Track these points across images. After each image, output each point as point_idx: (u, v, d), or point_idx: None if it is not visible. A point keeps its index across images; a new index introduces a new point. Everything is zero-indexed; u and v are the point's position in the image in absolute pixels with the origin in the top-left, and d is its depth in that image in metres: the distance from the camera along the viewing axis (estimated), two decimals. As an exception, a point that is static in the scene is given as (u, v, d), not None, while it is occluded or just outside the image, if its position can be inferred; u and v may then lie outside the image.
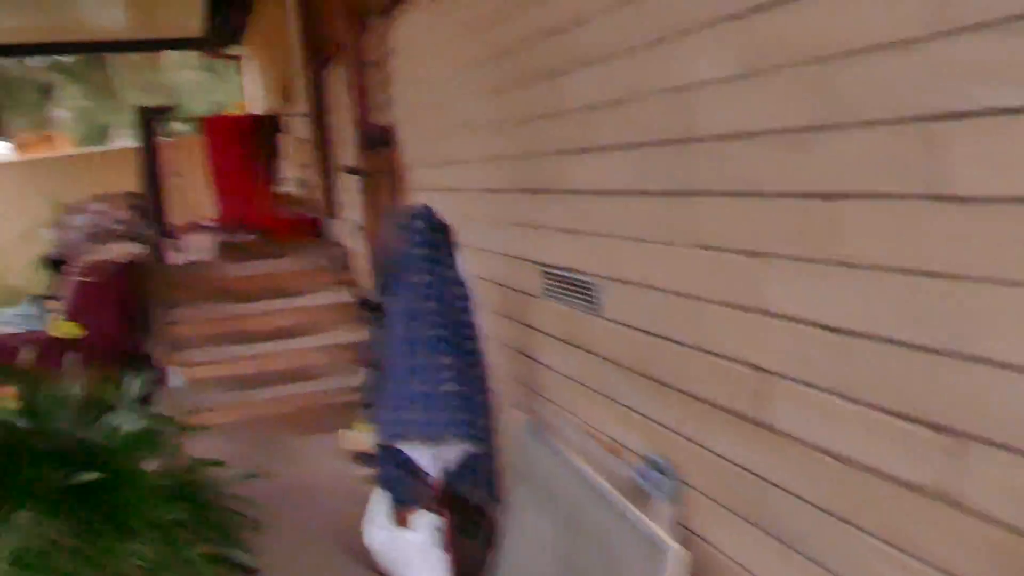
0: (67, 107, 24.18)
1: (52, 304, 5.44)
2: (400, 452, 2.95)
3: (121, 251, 5.57)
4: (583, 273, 2.55)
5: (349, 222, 6.34)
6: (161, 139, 7.61)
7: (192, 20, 10.43)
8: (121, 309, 5.34)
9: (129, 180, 7.08)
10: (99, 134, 22.06)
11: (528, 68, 2.80)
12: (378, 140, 4.66)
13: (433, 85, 3.93)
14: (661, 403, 2.18)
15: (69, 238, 6.39)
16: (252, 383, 5.52)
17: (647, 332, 2.21)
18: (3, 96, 21.11)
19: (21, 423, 3.09)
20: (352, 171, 4.66)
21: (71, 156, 12.74)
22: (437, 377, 2.89)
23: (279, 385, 5.52)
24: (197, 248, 6.25)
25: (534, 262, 2.95)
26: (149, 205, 5.41)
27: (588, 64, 2.37)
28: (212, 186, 7.72)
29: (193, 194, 7.80)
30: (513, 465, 3.09)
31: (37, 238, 6.93)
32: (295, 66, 8.56)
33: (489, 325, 3.18)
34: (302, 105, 8.10)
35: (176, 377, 5.39)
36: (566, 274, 2.68)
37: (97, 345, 5.22)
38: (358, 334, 5.88)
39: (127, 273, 5.39)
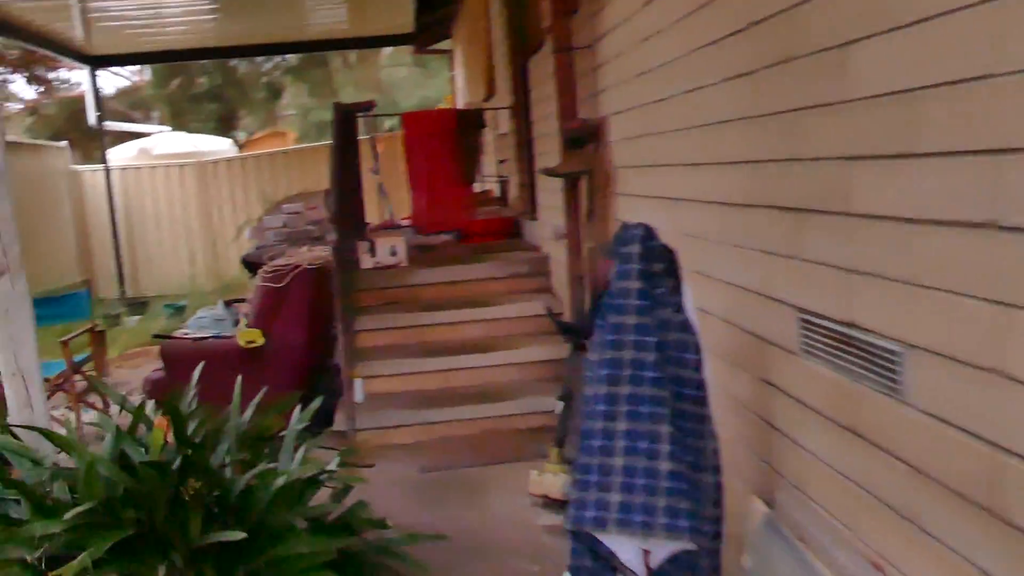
0: (292, 105, 25.75)
1: (244, 308, 5.27)
2: (598, 542, 2.28)
3: (311, 254, 5.32)
4: (875, 333, 1.76)
5: (549, 226, 5.75)
6: (365, 137, 7.45)
7: (404, 16, 10.39)
8: (307, 317, 5.07)
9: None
10: (320, 131, 23.16)
11: (795, 39, 2.03)
12: (584, 137, 4.01)
13: (652, 72, 3.22)
14: (1014, 563, 1.36)
15: (265, 239, 6.30)
16: (435, 401, 5.08)
17: (996, 445, 1.40)
18: (236, 95, 22.68)
19: (171, 461, 2.74)
20: (553, 172, 4.06)
21: (287, 152, 13.18)
22: (650, 450, 2.20)
23: (464, 405, 5.04)
24: (389, 250, 5.92)
25: (789, 304, 2.18)
26: (341, 205, 5.09)
27: (897, 27, 1.58)
28: (410, 184, 7.44)
29: (390, 193, 7.55)
30: (744, 571, 2.34)
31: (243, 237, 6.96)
32: (499, 58, 8.14)
33: (716, 375, 2.43)
34: (505, 99, 7.65)
35: (358, 391, 5.05)
36: (843, 330, 1.89)
37: (281, 355, 4.98)
38: (555, 351, 5.29)
39: (315, 279, 5.11)
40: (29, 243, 10.62)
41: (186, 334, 5.16)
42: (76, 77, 29.29)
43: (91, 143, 14.35)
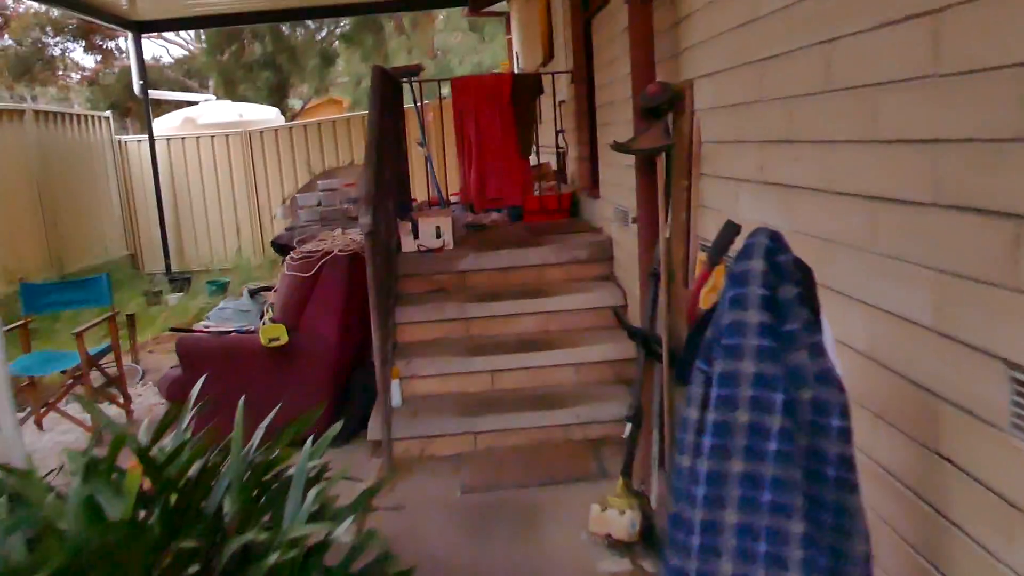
0: (345, 72, 25.20)
1: (271, 298, 4.71)
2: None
3: (345, 238, 4.72)
4: None
5: (614, 207, 5.06)
6: (414, 106, 6.81)
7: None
8: (339, 310, 4.49)
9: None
10: (371, 98, 22.61)
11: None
12: (663, 106, 3.31)
13: (764, 19, 2.50)
14: None
15: (298, 219, 5.72)
16: (482, 406, 4.47)
17: None
18: (289, 63, 22.21)
19: (145, 516, 2.17)
20: (625, 148, 3.37)
21: (336, 121, 12.64)
22: (772, 556, 1.54)
23: (514, 412, 4.42)
24: (434, 232, 5.31)
25: (993, 355, 1.48)
26: (378, 181, 4.48)
27: None
28: (459, 157, 6.79)
29: (439, 167, 6.92)
30: None
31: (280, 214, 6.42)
32: (558, 17, 7.39)
33: (860, 435, 1.74)
34: (565, 62, 6.92)
35: (395, 394, 4.47)
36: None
37: (309, 353, 4.42)
38: (620, 349, 4.63)
39: (348, 266, 4.52)
40: (74, 216, 10.34)
41: (207, 327, 4.64)
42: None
43: (128, 112, 14.06)
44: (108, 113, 12.79)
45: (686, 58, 3.33)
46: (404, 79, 6.40)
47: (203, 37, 23.38)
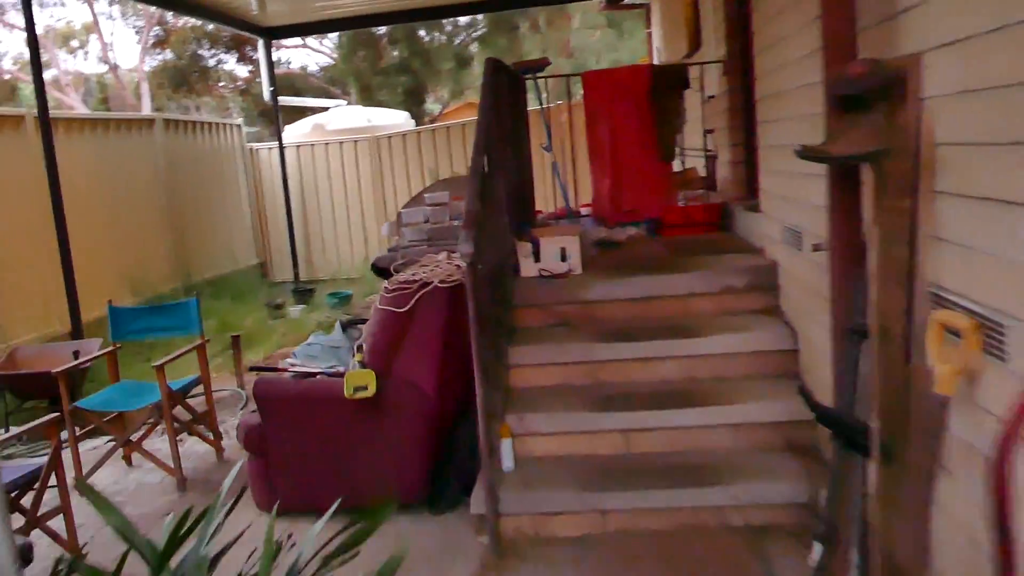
0: (481, 75, 24.74)
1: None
2: None
3: (449, 265, 3.94)
4: None
5: (784, 225, 4.06)
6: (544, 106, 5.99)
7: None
8: (439, 353, 3.71)
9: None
10: (506, 100, 22.07)
11: None
12: (871, 93, 2.31)
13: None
14: None
15: (402, 239, 5.00)
16: (613, 475, 3.58)
17: None
18: (424, 67, 21.99)
19: None
20: (818, 154, 2.41)
21: (466, 125, 12.01)
22: None
23: (655, 486, 3.50)
24: (558, 254, 4.46)
25: None
26: (490, 194, 3.69)
27: None
28: (591, 161, 5.92)
29: (567, 174, 6.07)
30: None
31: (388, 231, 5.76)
32: (707, 1, 6.39)
33: None
34: (715, 50, 5.92)
35: (506, 455, 3.65)
36: None
37: (403, 403, 3.66)
38: (790, 410, 3.63)
39: (451, 300, 3.74)
40: (203, 225, 10.16)
41: (292, 365, 3.99)
42: (285, 55, 30.16)
43: (289, 120, 13.98)
44: (240, 121, 12.74)
45: (908, 21, 2.32)
46: (527, 75, 5.59)
47: (339, 44, 23.58)
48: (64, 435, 4.36)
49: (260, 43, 11.48)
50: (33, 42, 6.85)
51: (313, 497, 3.90)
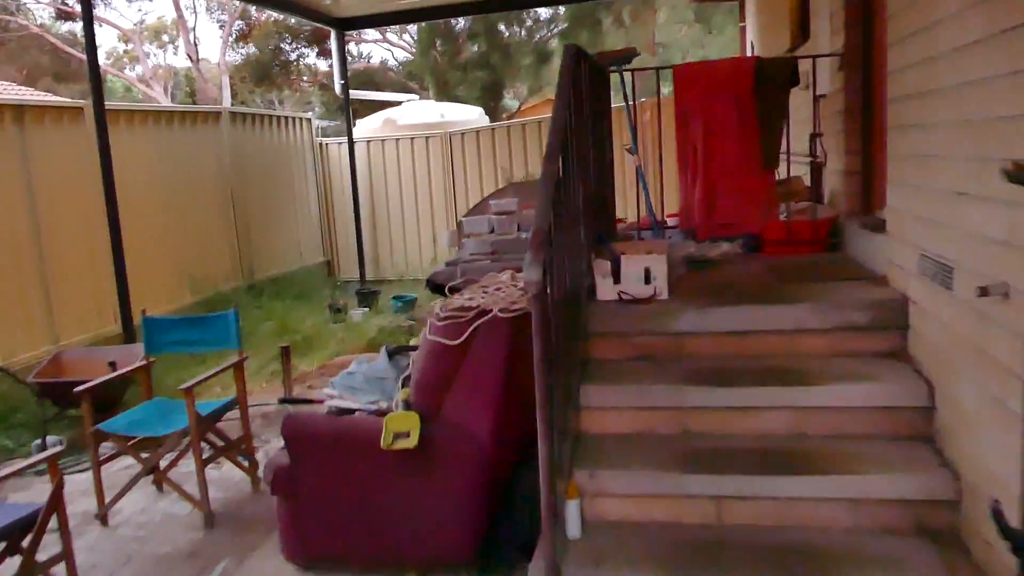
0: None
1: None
2: None
3: (513, 288, 3.34)
4: None
5: (922, 253, 3.33)
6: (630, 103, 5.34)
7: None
8: (497, 394, 3.12)
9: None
10: (586, 97, 21.36)
11: None
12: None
13: None
14: None
15: (464, 251, 4.42)
16: (703, 554, 2.93)
17: None
18: (502, 62, 21.46)
19: None
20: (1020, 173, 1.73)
21: (542, 122, 11.40)
22: None
23: (753, 572, 2.83)
24: (641, 274, 3.82)
25: None
26: (563, 204, 3.09)
27: None
28: (680, 166, 5.25)
29: (652, 181, 5.40)
30: None
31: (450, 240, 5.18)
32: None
33: None
34: (827, 42, 5.17)
35: (572, 520, 3.04)
36: None
37: (454, 452, 3.08)
38: (929, 486, 2.93)
39: (514, 332, 3.14)
40: (268, 221, 9.82)
41: (331, 397, 3.46)
42: (365, 50, 30.15)
43: (367, 114, 13.67)
44: (310, 114, 12.43)
45: None
46: (612, 67, 4.95)
47: (418, 38, 23.28)
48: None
49: (332, 34, 11.13)
50: (89, 29, 6.55)
51: (347, 550, 3.37)
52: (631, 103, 5.19)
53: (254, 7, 25.39)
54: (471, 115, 13.25)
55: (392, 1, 10.27)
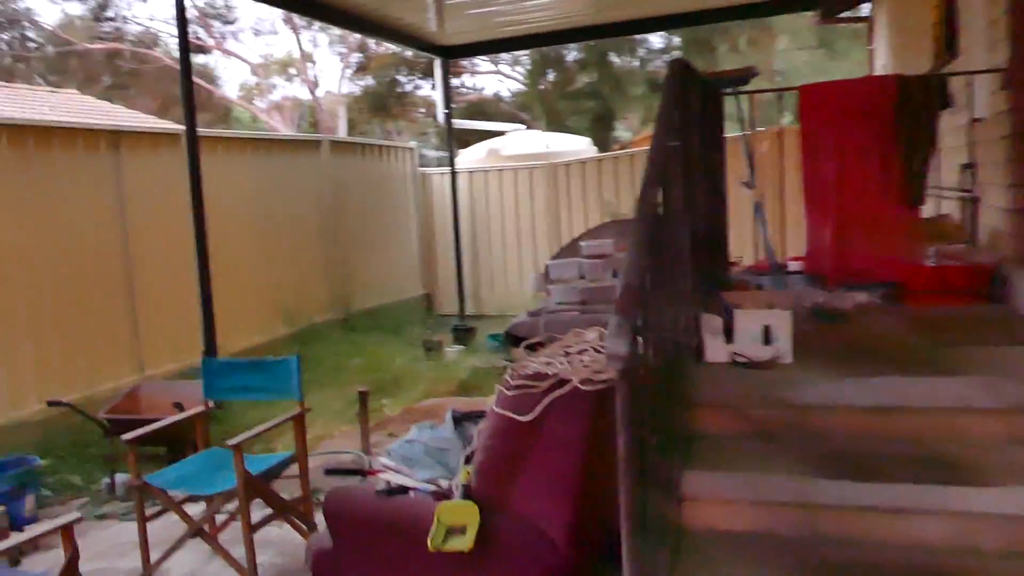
0: (674, 99, 23.31)
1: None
2: None
3: (601, 353, 2.77)
4: None
5: None
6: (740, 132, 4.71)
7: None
8: (576, 483, 2.55)
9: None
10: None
11: None
12: None
13: None
14: None
15: (551, 299, 3.85)
16: None
17: None
18: (613, 92, 20.97)
19: None
20: None
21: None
22: None
23: None
24: (759, 333, 3.18)
25: None
26: (662, 250, 2.52)
27: None
28: (807, 201, 4.56)
29: (772, 218, 4.71)
30: None
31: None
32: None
33: None
34: (983, 57, 4.40)
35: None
36: None
37: (523, 548, 2.51)
38: None
39: (598, 408, 2.56)
40: (367, 252, 9.57)
41: (385, 468, 2.97)
42: (480, 82, 30.33)
43: (471, 144, 13.45)
44: (413, 144, 12.23)
45: None
46: (727, 89, 4.33)
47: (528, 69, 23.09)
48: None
49: (436, 63, 10.90)
50: (184, 55, 6.44)
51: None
52: (748, 131, 4.55)
53: (371, 40, 25.97)
54: (578, 145, 12.76)
55: (499, 27, 9.96)
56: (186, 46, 6.44)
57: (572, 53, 22.38)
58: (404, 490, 2.78)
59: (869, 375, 3.07)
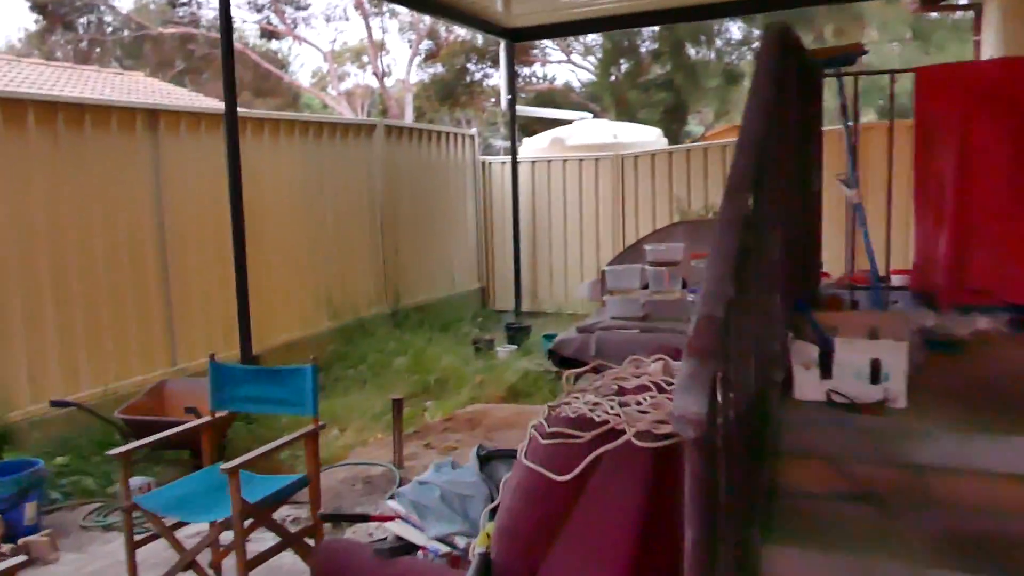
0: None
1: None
2: None
3: (665, 396, 2.16)
4: None
5: None
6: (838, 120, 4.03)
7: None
8: (628, 556, 1.96)
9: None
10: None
11: None
12: None
13: None
14: None
15: (606, 312, 3.24)
16: None
17: None
18: (687, 83, 20.10)
19: None
20: None
21: (726, 146, 10.02)
22: None
23: None
24: (864, 369, 2.54)
25: None
26: (752, 264, 1.91)
27: None
28: (918, 205, 3.87)
29: (875, 223, 4.01)
30: None
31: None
32: None
33: None
34: None
35: None
36: None
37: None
38: None
39: (658, 469, 1.97)
40: (420, 243, 9.04)
41: (395, 515, 2.44)
42: (550, 71, 29.70)
43: (538, 132, 12.91)
44: (474, 130, 11.70)
45: None
46: (830, 70, 3.66)
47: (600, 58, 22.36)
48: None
49: (502, 45, 10.36)
50: (227, 35, 6.03)
51: None
52: (850, 122, 3.87)
53: (440, 27, 25.59)
54: (648, 136, 12.05)
55: (568, 8, 9.36)
56: (228, 22, 6.03)
57: (646, 43, 21.57)
58: (411, 548, 2.24)
59: (1005, 430, 2.41)
